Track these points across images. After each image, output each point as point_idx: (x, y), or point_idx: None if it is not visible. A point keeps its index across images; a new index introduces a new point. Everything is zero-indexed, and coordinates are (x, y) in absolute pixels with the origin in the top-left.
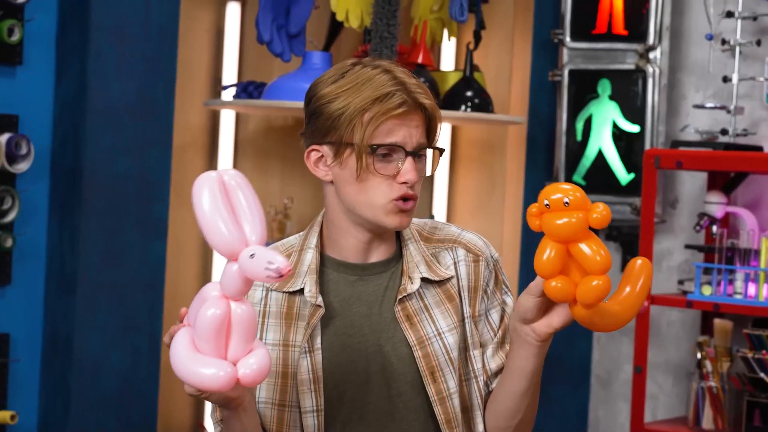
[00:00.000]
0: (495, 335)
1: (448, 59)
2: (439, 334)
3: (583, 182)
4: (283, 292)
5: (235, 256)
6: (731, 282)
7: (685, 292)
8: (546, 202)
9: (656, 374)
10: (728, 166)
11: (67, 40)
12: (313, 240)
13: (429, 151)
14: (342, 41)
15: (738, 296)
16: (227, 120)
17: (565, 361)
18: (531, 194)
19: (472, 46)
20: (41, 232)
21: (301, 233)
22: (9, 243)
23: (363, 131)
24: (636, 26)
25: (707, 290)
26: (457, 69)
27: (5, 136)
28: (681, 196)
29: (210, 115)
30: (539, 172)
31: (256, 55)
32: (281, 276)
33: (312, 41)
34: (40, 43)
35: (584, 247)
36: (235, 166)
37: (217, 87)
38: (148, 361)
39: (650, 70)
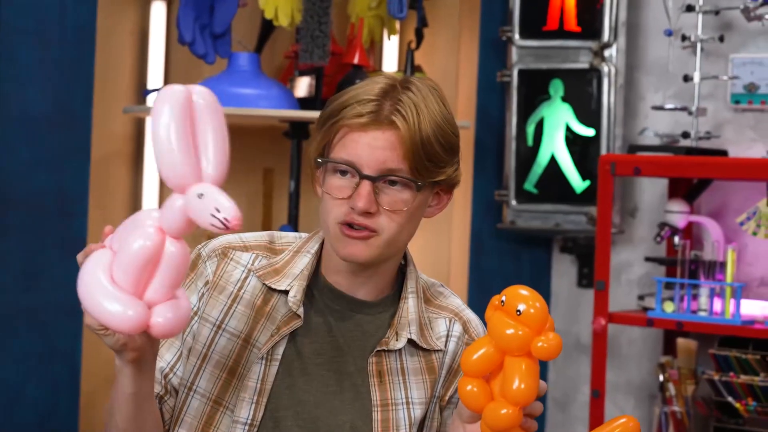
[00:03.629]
0: None
1: (390, 59)
2: (408, 403)
3: (534, 190)
4: (265, 283)
5: (184, 189)
6: (695, 297)
7: (645, 309)
8: (503, 299)
9: (616, 396)
10: (690, 173)
11: None
12: (315, 246)
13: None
14: (276, 42)
15: (703, 313)
16: None
17: None
18: (480, 203)
19: (413, 45)
20: None
21: (302, 234)
22: None
23: (321, 142)
24: (590, 22)
25: (669, 307)
26: (399, 70)
27: None
28: (641, 204)
29: (135, 123)
30: (488, 179)
31: (184, 58)
32: (227, 228)
33: (241, 42)
34: None
35: (516, 367)
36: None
37: (142, 93)
38: (68, 393)
39: (605, 69)
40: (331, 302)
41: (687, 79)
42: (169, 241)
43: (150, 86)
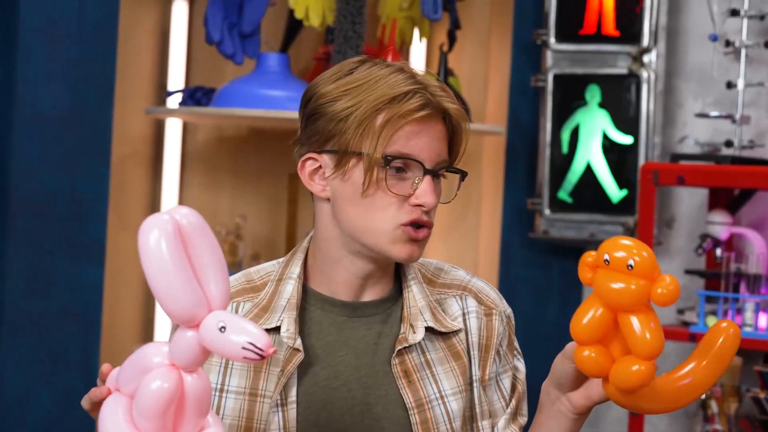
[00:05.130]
0: (507, 405)
1: (418, 62)
2: (442, 397)
3: (569, 199)
4: None
5: (195, 323)
6: (739, 312)
7: (685, 323)
8: (606, 257)
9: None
10: (736, 183)
11: None
12: (296, 269)
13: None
14: (301, 42)
15: (747, 328)
16: (173, 130)
17: None
18: (510, 212)
19: (445, 48)
20: None
21: (280, 260)
22: None
23: (376, 137)
24: (628, 26)
25: (712, 321)
26: (428, 73)
27: None
28: (678, 214)
29: (154, 125)
30: (520, 187)
31: (206, 58)
32: (263, 357)
33: (267, 42)
34: None
35: (635, 321)
36: (182, 180)
37: (161, 93)
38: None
39: (644, 74)
40: (335, 315)
41: (730, 85)
42: (185, 375)
43: (171, 87)
